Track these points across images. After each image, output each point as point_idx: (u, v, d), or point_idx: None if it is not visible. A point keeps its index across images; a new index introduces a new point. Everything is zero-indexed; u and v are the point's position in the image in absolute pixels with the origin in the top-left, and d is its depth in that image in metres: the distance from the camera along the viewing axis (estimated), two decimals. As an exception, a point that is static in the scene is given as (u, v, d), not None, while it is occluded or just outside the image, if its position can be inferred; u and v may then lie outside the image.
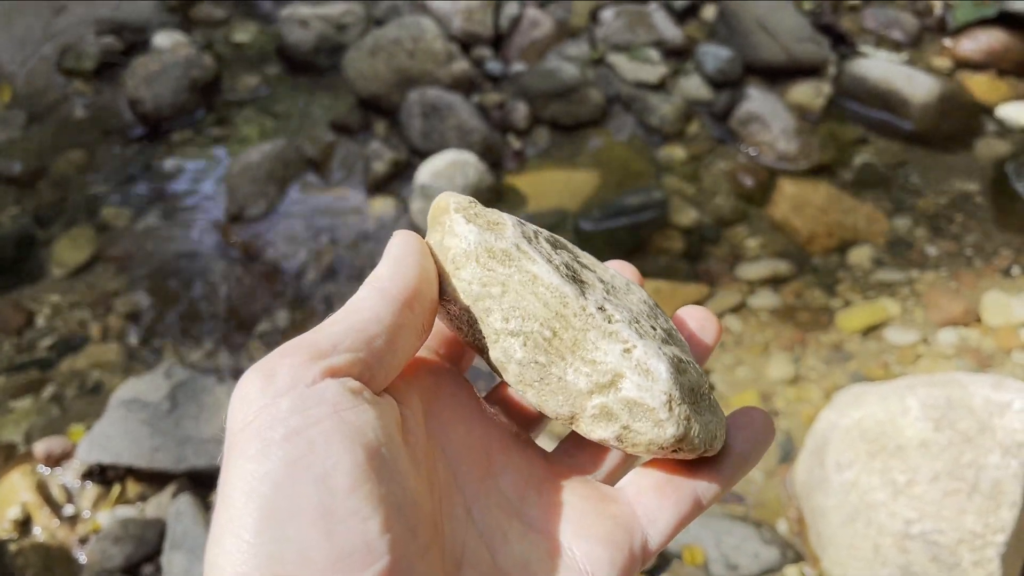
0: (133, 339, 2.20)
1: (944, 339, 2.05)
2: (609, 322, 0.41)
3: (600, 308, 0.42)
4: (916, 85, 2.65)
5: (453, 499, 0.41)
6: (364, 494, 0.32)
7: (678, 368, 0.41)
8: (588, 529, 0.41)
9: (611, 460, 0.47)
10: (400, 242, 0.42)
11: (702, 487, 0.43)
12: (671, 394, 0.40)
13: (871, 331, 2.09)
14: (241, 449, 0.33)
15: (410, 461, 0.37)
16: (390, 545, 0.32)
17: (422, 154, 2.54)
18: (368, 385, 0.37)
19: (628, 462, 0.48)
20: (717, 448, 0.43)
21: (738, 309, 2.14)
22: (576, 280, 0.43)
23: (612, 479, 0.47)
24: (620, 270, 0.50)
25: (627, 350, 0.41)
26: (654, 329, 0.43)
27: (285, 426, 0.33)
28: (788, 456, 1.80)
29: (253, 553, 0.31)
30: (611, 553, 0.41)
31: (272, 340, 2.16)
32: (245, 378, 0.36)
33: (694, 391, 0.42)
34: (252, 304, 2.26)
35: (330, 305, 2.24)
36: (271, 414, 0.33)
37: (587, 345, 0.41)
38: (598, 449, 0.47)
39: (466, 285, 0.43)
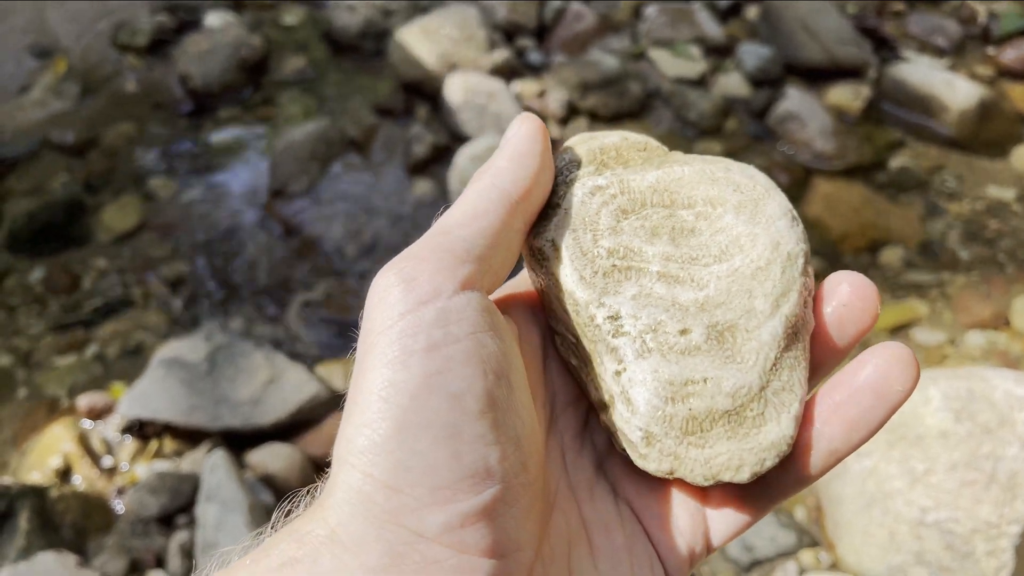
0: (174, 304, 2.27)
1: (972, 341, 2.05)
2: (614, 336, 0.38)
3: (612, 316, 0.38)
4: (956, 91, 2.65)
5: (551, 443, 0.42)
6: (490, 421, 0.33)
7: (673, 395, 0.37)
8: (665, 513, 0.40)
9: None
10: (524, 134, 0.41)
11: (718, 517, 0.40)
12: (648, 430, 0.37)
13: (899, 330, 2.11)
14: (381, 352, 0.33)
15: (527, 392, 0.37)
16: (504, 474, 0.33)
17: (462, 139, 2.59)
18: (489, 294, 0.38)
19: None
20: (745, 476, 0.37)
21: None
22: (615, 271, 0.39)
23: None
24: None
25: (618, 372, 0.38)
26: (684, 333, 0.37)
27: (428, 338, 0.33)
28: (809, 446, 1.82)
29: (384, 458, 0.32)
30: (682, 543, 0.40)
31: (309, 312, 2.22)
32: (385, 279, 0.36)
33: (703, 418, 0.37)
34: (290, 276, 2.32)
35: (367, 280, 2.29)
36: (414, 323, 0.34)
37: (596, 359, 0.39)
38: None
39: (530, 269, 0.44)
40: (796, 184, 2.49)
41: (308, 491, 0.37)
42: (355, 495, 0.32)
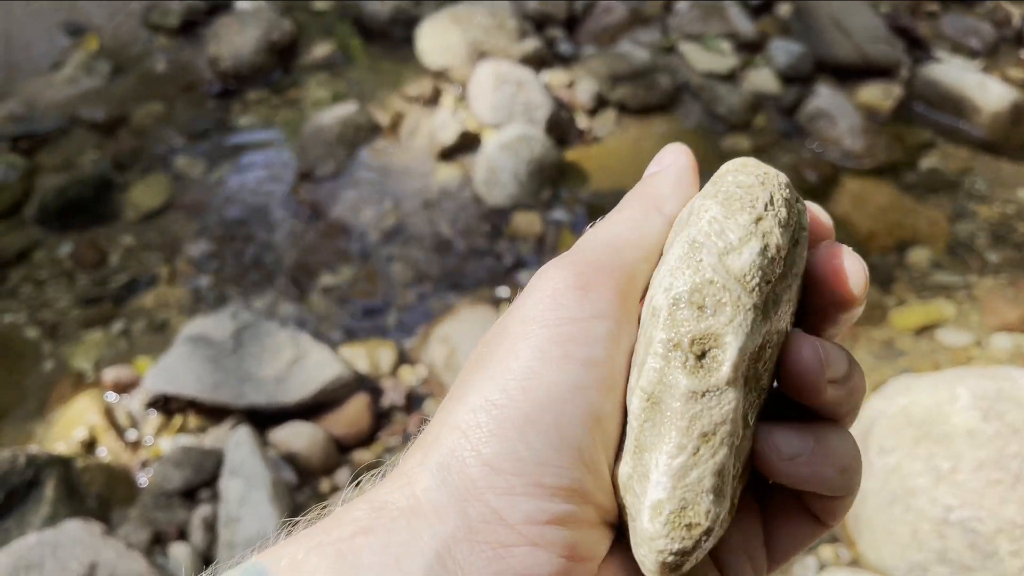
0: (199, 282, 2.28)
1: (998, 343, 2.04)
2: (652, 462, 0.35)
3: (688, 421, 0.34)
4: (989, 93, 2.63)
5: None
6: (601, 448, 0.34)
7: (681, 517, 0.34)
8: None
9: None
10: (685, 165, 0.42)
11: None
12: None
13: (924, 330, 2.10)
14: (537, 345, 0.34)
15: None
16: (593, 497, 0.34)
17: (489, 127, 2.59)
18: None
19: None
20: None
21: (791, 299, 2.15)
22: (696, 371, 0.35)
23: None
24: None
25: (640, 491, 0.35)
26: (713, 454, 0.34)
27: (589, 353, 0.34)
28: (831, 443, 1.82)
29: (500, 441, 0.32)
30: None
31: (334, 293, 2.23)
32: (562, 275, 0.36)
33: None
34: (316, 258, 2.33)
35: (391, 264, 2.30)
36: (582, 332, 0.34)
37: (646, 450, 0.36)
38: None
39: None
40: (824, 182, 2.48)
41: (382, 468, 0.37)
42: (455, 464, 0.32)
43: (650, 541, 0.34)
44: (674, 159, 0.42)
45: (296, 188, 2.53)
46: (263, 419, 1.89)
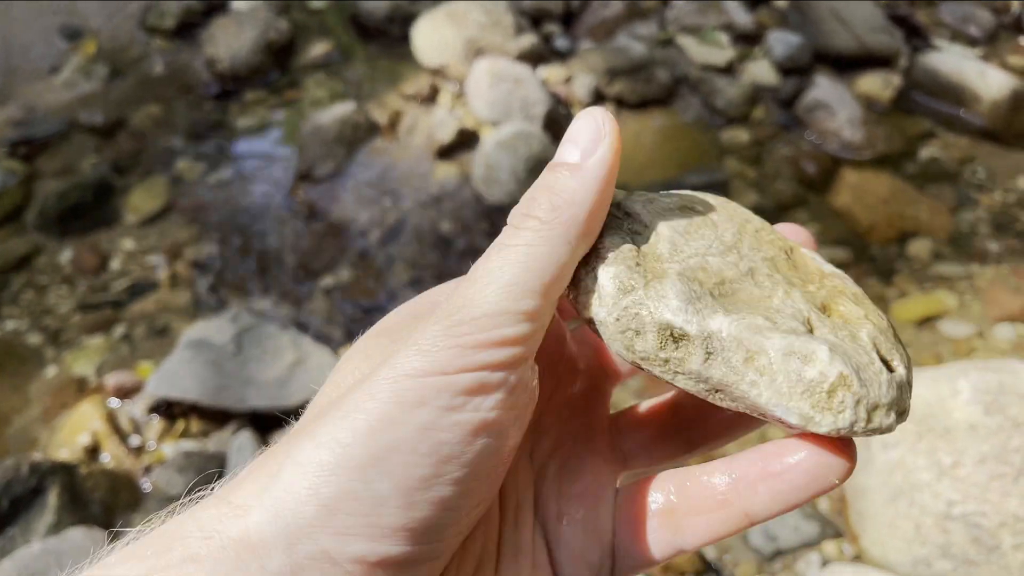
0: (201, 286, 2.29)
1: (1001, 334, 2.04)
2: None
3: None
4: (989, 81, 2.61)
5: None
6: (458, 494, 0.33)
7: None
8: (574, 543, 0.42)
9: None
10: (604, 159, 0.38)
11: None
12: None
13: (926, 322, 2.09)
14: (397, 388, 0.33)
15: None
16: (439, 542, 0.34)
17: (488, 124, 2.58)
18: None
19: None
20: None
21: (792, 292, 2.15)
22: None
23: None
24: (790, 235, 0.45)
25: None
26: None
27: (449, 402, 0.33)
28: (834, 437, 1.81)
29: (341, 482, 0.32)
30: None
31: (334, 295, 2.23)
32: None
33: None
34: (316, 259, 2.33)
35: (392, 264, 2.30)
36: (446, 385, 0.33)
37: None
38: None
39: None
40: (823, 174, 2.47)
41: (214, 484, 0.36)
42: (291, 501, 0.32)
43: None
44: (599, 151, 0.38)
45: (295, 189, 2.53)
46: (265, 422, 1.89)
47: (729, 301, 0.37)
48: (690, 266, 0.38)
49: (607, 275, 0.38)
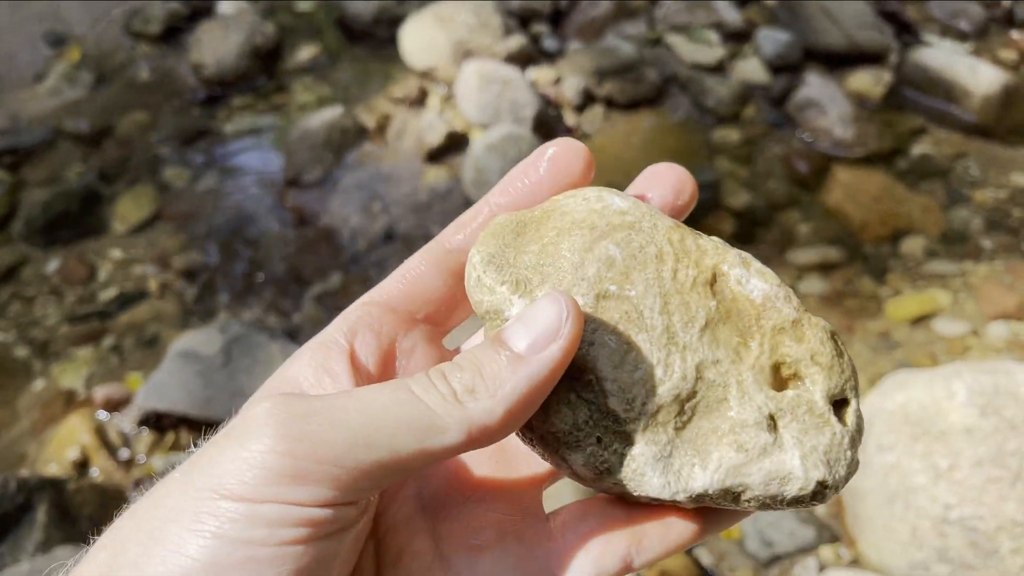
0: (190, 295, 2.26)
1: (995, 332, 2.03)
2: None
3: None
4: (980, 76, 2.61)
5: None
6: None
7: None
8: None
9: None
10: (549, 364, 0.36)
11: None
12: None
13: (920, 321, 2.08)
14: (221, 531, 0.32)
15: None
16: None
17: (477, 126, 2.57)
18: None
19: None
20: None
21: (786, 293, 2.14)
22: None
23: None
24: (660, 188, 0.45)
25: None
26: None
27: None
28: (829, 439, 1.80)
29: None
30: None
31: (324, 302, 2.21)
32: (271, 448, 0.33)
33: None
34: (305, 266, 2.31)
35: (382, 269, 2.28)
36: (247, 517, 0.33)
37: None
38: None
39: None
40: (815, 172, 2.46)
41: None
42: None
43: None
44: (549, 350, 0.36)
45: (284, 195, 2.51)
46: (256, 433, 1.87)
47: (695, 435, 0.38)
48: (648, 411, 0.38)
49: (578, 462, 0.38)
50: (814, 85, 2.61)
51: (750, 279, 0.41)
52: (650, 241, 0.40)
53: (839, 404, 0.40)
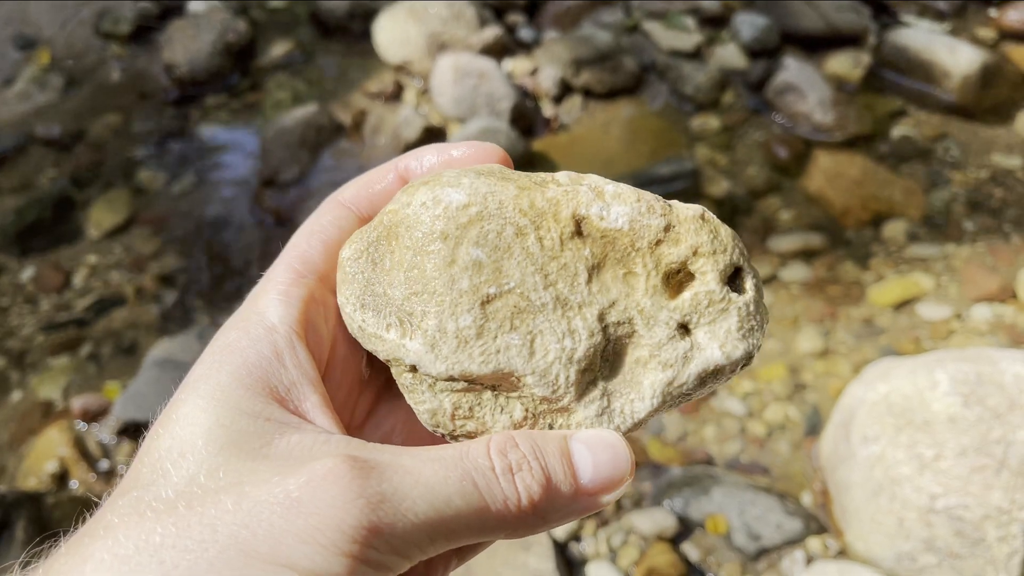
0: (167, 300, 2.23)
1: (978, 315, 2.02)
2: None
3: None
4: (958, 56, 2.59)
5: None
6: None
7: None
8: None
9: None
10: (597, 505, 0.39)
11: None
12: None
13: (903, 306, 2.07)
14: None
15: None
16: None
17: (454, 120, 2.54)
18: None
19: None
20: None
21: (769, 282, 2.13)
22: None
23: None
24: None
25: None
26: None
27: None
28: (814, 429, 1.80)
29: None
30: None
31: (303, 304, 2.19)
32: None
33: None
34: (283, 268, 2.28)
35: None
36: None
37: None
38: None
39: None
40: (795, 158, 2.45)
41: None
42: None
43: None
44: (603, 496, 0.39)
45: (260, 195, 2.48)
46: (237, 440, 1.85)
47: (624, 374, 0.41)
48: (573, 380, 0.40)
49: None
50: (792, 69, 2.59)
51: (610, 209, 0.40)
52: (504, 223, 0.39)
53: (734, 277, 0.42)
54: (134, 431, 1.88)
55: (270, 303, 0.39)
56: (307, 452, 0.34)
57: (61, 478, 1.83)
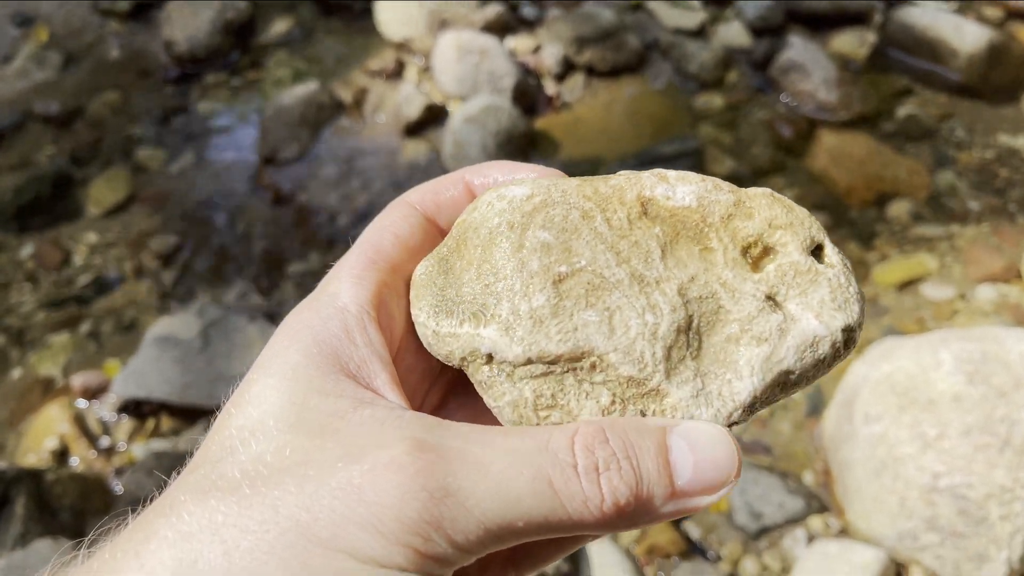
0: (166, 278, 2.22)
1: (983, 295, 2.01)
2: None
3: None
4: (965, 35, 2.56)
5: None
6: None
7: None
8: None
9: None
10: (693, 506, 0.37)
11: None
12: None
13: (907, 285, 2.06)
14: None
15: None
16: None
17: (456, 98, 2.52)
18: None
19: None
20: None
21: (771, 261, 2.11)
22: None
23: None
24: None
25: None
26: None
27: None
28: (817, 408, 1.79)
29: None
30: None
31: (303, 282, 2.18)
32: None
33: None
34: (283, 246, 2.27)
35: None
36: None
37: None
38: None
39: None
40: (800, 137, 2.43)
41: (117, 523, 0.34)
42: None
43: None
44: (702, 498, 0.36)
45: (260, 173, 2.46)
46: (237, 418, 1.84)
47: (715, 353, 0.38)
48: (660, 357, 0.38)
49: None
50: (797, 47, 2.56)
51: (675, 188, 0.40)
52: (569, 207, 0.39)
53: (816, 252, 0.40)
54: (135, 408, 1.88)
55: (342, 285, 0.39)
56: (379, 428, 0.33)
57: (61, 455, 1.83)
